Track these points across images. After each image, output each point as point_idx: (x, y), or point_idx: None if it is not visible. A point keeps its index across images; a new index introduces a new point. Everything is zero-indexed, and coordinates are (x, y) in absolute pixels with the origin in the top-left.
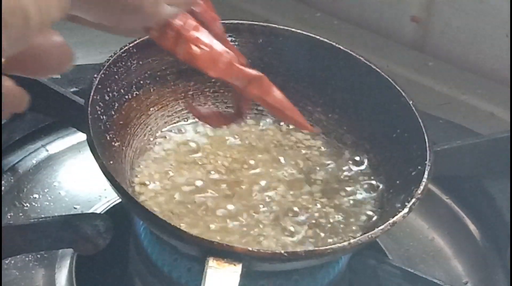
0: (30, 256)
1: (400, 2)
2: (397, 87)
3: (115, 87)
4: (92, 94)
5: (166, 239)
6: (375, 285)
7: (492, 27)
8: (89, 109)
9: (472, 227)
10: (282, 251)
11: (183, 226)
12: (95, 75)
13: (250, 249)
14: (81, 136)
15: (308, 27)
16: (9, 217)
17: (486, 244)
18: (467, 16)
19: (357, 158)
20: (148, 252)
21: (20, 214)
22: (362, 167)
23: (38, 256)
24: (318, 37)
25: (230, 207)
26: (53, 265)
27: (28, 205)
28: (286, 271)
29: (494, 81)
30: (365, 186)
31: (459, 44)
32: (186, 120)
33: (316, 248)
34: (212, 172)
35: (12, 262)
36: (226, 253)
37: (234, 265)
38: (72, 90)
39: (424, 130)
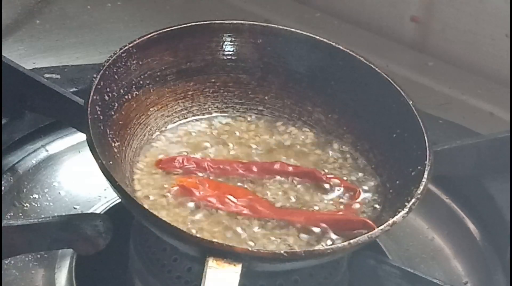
0: (30, 256)
1: (400, 2)
2: (397, 87)
3: (115, 87)
4: (91, 94)
5: (166, 239)
6: (375, 285)
7: (492, 27)
8: (88, 109)
9: (472, 227)
10: (282, 251)
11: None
12: (95, 75)
13: (250, 249)
14: (81, 136)
15: (308, 27)
16: (9, 217)
17: (486, 244)
18: (467, 16)
19: (357, 158)
20: (148, 252)
21: (20, 214)
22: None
23: (38, 256)
24: (317, 37)
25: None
26: (53, 265)
27: (28, 205)
28: (286, 271)
29: (494, 81)
30: (365, 186)
31: (459, 44)
32: (185, 119)
33: (316, 248)
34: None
35: (12, 262)
36: (226, 253)
37: (234, 265)
38: (72, 90)
39: (424, 130)
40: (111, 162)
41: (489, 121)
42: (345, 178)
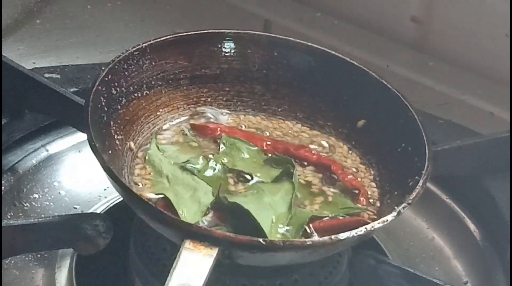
0: (30, 256)
1: (400, 2)
2: (406, 102)
3: (124, 83)
4: (97, 84)
5: (148, 222)
6: (375, 285)
7: (492, 27)
8: (91, 96)
9: (472, 227)
10: (260, 239)
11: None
12: (103, 68)
13: (228, 234)
14: (81, 136)
15: (308, 27)
16: (9, 217)
17: (486, 244)
18: (467, 16)
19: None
20: (148, 252)
21: (20, 214)
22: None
23: (38, 256)
24: (333, 52)
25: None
26: (53, 265)
27: (28, 205)
28: (285, 270)
29: (494, 81)
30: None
31: (459, 44)
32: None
33: (295, 240)
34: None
35: (12, 262)
36: (204, 236)
37: (210, 248)
38: (72, 90)
39: (427, 145)
40: (110, 152)
41: (489, 121)
42: None
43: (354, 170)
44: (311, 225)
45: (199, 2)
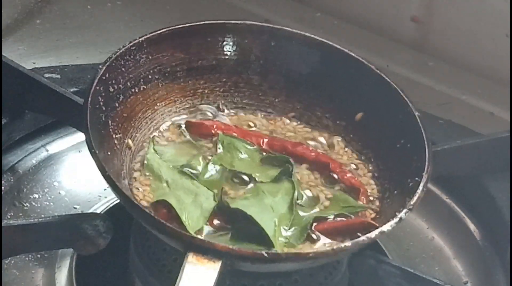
0: (30, 256)
1: (400, 2)
2: (405, 97)
3: (121, 80)
4: (95, 84)
5: (150, 229)
6: (375, 285)
7: (492, 27)
8: (89, 98)
9: (472, 227)
10: (263, 252)
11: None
12: (100, 66)
13: (231, 247)
14: (81, 136)
15: (308, 27)
16: (9, 217)
17: (486, 244)
18: (467, 16)
19: (360, 167)
20: (148, 252)
21: (20, 214)
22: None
23: (38, 256)
24: (331, 43)
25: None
26: (53, 265)
27: (28, 205)
28: (286, 271)
29: (494, 81)
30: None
31: (459, 44)
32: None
33: (298, 251)
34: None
35: (12, 262)
36: (207, 250)
37: (214, 262)
38: (72, 90)
39: (426, 142)
40: (109, 153)
41: (489, 121)
42: None
43: (353, 166)
44: (314, 227)
45: (199, 2)
